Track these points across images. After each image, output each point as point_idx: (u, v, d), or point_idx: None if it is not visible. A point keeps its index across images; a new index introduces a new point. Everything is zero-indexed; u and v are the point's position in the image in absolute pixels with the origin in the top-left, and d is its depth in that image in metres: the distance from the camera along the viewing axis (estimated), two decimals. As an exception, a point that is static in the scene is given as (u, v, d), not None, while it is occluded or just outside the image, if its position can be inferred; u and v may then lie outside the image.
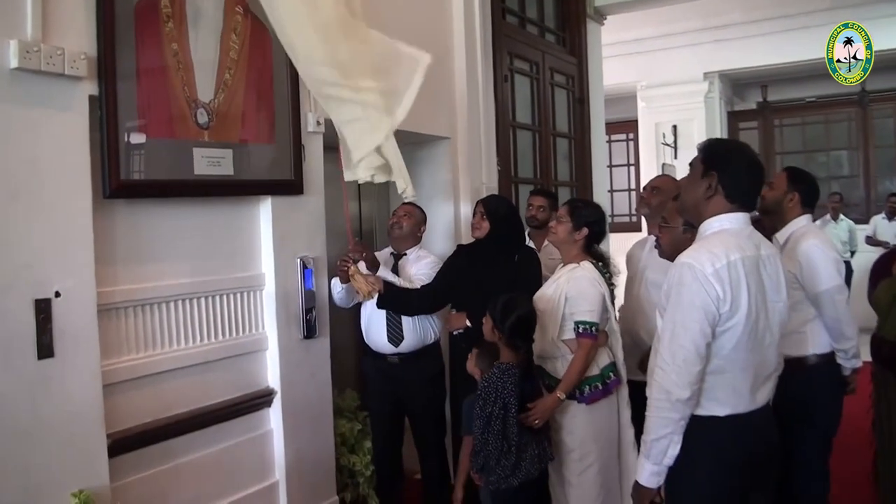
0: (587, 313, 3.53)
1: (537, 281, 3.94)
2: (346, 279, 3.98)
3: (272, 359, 3.63)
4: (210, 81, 3.21)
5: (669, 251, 3.18)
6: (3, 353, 2.50)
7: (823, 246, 3.56)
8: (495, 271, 3.94)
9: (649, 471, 2.52)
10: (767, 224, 3.70)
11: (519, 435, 3.25)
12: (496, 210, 4.14)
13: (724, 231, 2.52)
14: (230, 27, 3.30)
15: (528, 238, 4.83)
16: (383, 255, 4.38)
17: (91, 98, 2.79)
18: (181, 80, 3.09)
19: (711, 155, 2.61)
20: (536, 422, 3.35)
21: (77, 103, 2.73)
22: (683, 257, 2.49)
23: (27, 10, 2.56)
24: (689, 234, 3.03)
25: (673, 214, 3.20)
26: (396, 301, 4.06)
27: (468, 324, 4.00)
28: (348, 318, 4.52)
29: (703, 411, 2.49)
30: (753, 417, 2.54)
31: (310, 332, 3.74)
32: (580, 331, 3.53)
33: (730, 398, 2.50)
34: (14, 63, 2.51)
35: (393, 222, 4.30)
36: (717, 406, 2.49)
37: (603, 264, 3.71)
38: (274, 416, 3.65)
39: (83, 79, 2.73)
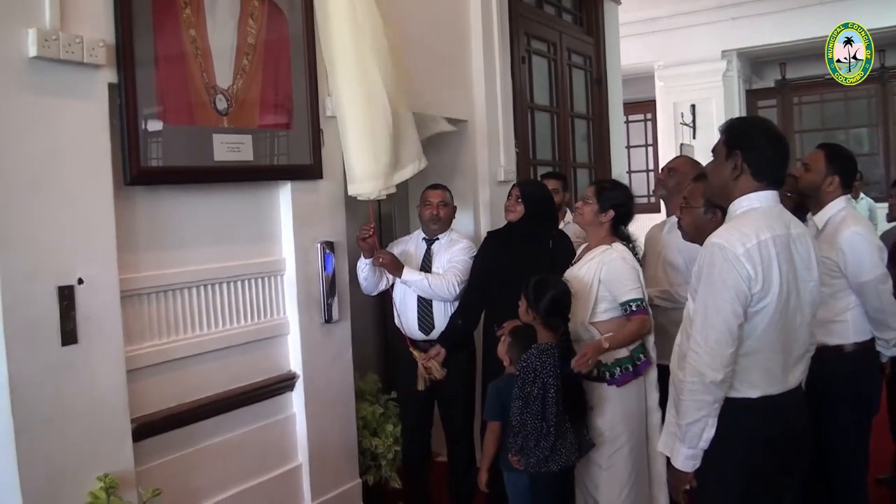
0: (632, 291, 3.49)
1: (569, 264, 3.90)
2: (369, 253, 4.02)
3: (294, 343, 3.65)
4: (228, 67, 3.21)
5: (691, 232, 3.16)
6: (28, 339, 2.52)
7: (867, 233, 3.43)
8: (529, 255, 3.90)
9: (684, 454, 2.51)
10: (790, 204, 3.63)
11: (557, 418, 3.23)
12: (532, 194, 4.12)
13: (754, 210, 2.49)
14: (247, 13, 3.30)
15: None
16: (414, 238, 4.37)
17: (110, 86, 2.79)
18: (199, 67, 3.10)
19: (734, 135, 2.58)
20: (588, 362, 3.31)
21: (96, 91, 2.74)
22: (713, 237, 2.46)
23: (45, -1, 2.57)
24: (710, 214, 3.01)
25: (694, 195, 3.17)
26: (455, 338, 4.12)
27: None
28: (369, 302, 4.53)
29: (735, 393, 2.46)
30: (786, 399, 2.52)
31: (331, 316, 3.75)
32: (633, 308, 3.49)
33: (762, 379, 2.48)
34: (33, 52, 2.52)
35: (431, 214, 4.23)
36: (750, 388, 2.47)
37: (632, 246, 3.68)
38: (296, 400, 3.66)
39: (102, 66, 2.73)
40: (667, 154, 10.87)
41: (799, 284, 2.49)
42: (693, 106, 11.21)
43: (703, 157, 9.03)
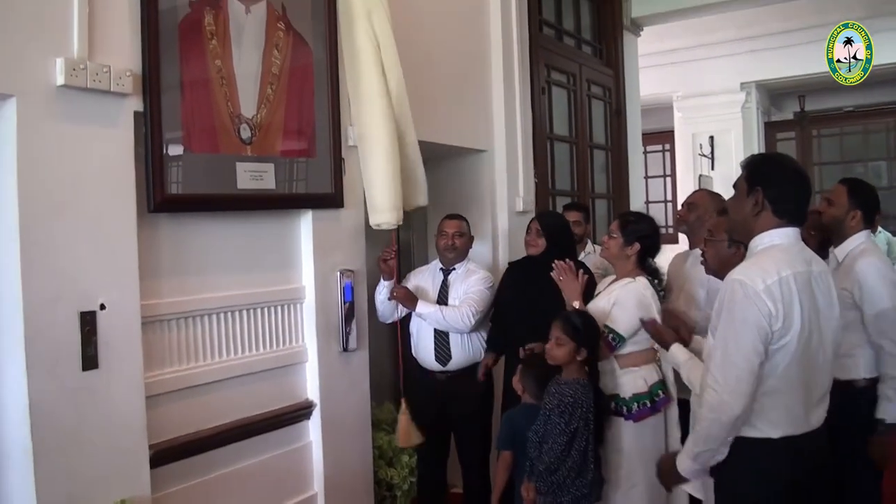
0: (619, 323, 3.50)
1: (592, 295, 3.90)
2: (389, 276, 4.04)
3: (312, 371, 3.64)
4: (253, 96, 3.24)
5: (715, 266, 3.15)
6: (49, 364, 2.53)
7: (881, 265, 3.45)
8: (552, 287, 3.86)
9: (690, 468, 2.56)
10: (813, 243, 3.61)
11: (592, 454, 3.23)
12: (552, 227, 4.16)
13: (775, 247, 2.48)
14: (272, 43, 3.33)
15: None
16: (431, 268, 4.39)
17: (136, 114, 2.82)
18: (224, 96, 3.13)
19: (755, 171, 2.57)
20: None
21: (122, 119, 2.77)
22: (734, 274, 2.46)
23: (73, 29, 2.60)
24: (734, 248, 3.00)
25: (718, 229, 3.17)
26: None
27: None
28: (386, 330, 4.53)
29: (756, 433, 2.45)
30: (809, 440, 2.49)
31: (349, 344, 3.75)
32: (604, 334, 3.49)
33: (783, 419, 2.45)
34: (61, 80, 2.55)
35: (447, 244, 4.27)
36: (771, 428, 2.45)
37: (658, 281, 3.67)
38: (313, 429, 3.65)
39: (128, 95, 2.76)
40: (685, 185, 10.86)
41: (821, 323, 2.47)
42: (711, 137, 11.20)
43: (722, 188, 9.02)
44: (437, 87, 4.46)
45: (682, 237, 4.47)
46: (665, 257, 4.25)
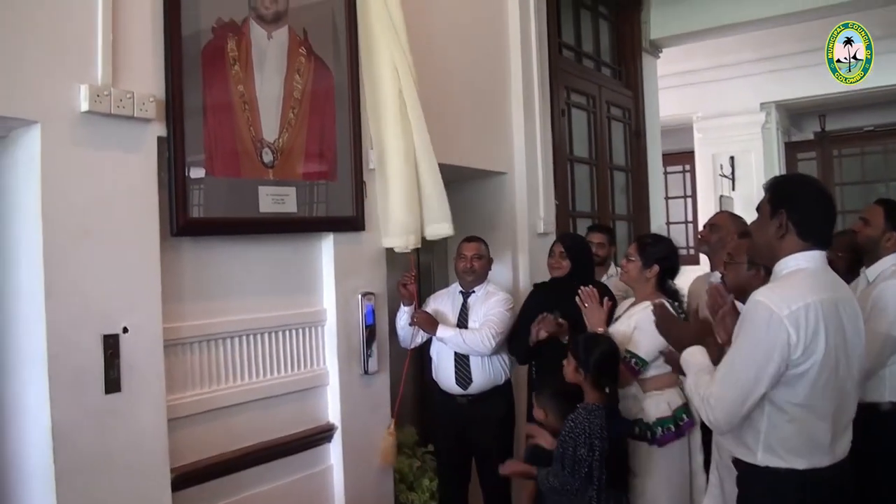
0: (641, 347, 3.49)
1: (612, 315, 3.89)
2: (409, 300, 4.05)
3: (333, 394, 3.64)
4: (274, 121, 3.27)
5: (735, 289, 3.11)
6: (72, 387, 2.54)
7: None
8: (577, 309, 3.85)
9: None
10: (842, 264, 3.57)
11: (602, 483, 3.17)
12: (575, 248, 4.17)
13: (800, 271, 2.44)
14: (294, 68, 3.36)
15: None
16: (451, 291, 4.39)
17: (159, 139, 2.85)
18: (247, 121, 3.15)
19: (778, 193, 2.53)
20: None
21: (146, 144, 2.79)
22: (757, 295, 2.41)
23: (97, 56, 2.63)
24: (753, 271, 2.98)
25: (739, 251, 3.14)
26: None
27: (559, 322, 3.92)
28: (406, 353, 4.52)
29: (782, 463, 2.41)
30: (834, 471, 2.44)
31: (370, 367, 3.75)
32: (626, 359, 3.48)
33: (808, 449, 2.41)
34: (85, 107, 2.57)
35: (465, 267, 4.26)
36: (795, 458, 2.40)
37: (678, 304, 3.65)
38: (334, 452, 3.64)
39: (152, 121, 2.79)
40: (706, 206, 10.82)
41: (848, 350, 2.43)
42: (732, 158, 11.16)
43: (743, 209, 8.99)
44: (457, 110, 4.48)
45: (704, 258, 4.45)
46: (685, 278, 4.23)
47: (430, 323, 4.08)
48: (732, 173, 11.15)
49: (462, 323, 4.20)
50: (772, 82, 10.59)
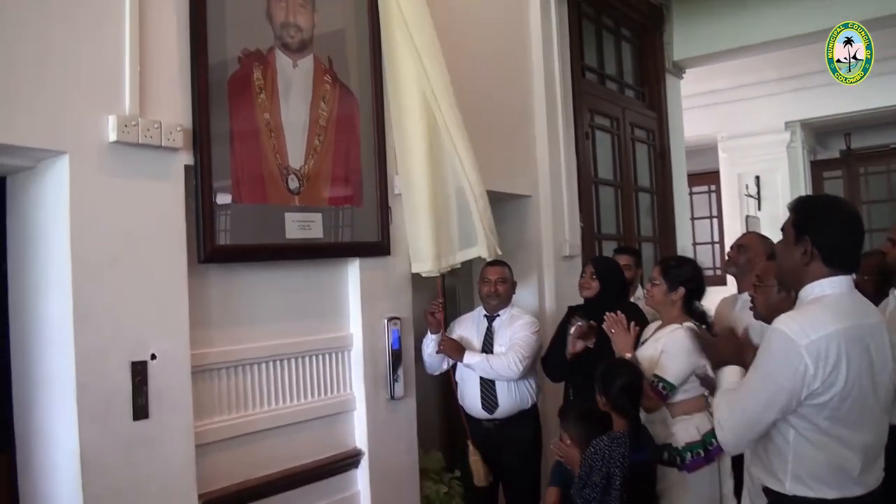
0: (669, 372, 3.46)
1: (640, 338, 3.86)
2: (436, 328, 4.05)
3: (360, 420, 3.64)
4: (300, 148, 3.29)
5: (765, 312, 3.06)
6: (100, 413, 2.56)
7: None
8: (602, 331, 3.85)
9: None
10: (870, 287, 3.51)
11: None
12: (606, 270, 4.18)
13: (826, 297, 2.37)
14: (319, 95, 3.39)
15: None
16: (476, 315, 4.38)
17: (186, 167, 2.88)
18: (273, 148, 3.18)
19: (803, 217, 2.46)
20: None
21: (173, 173, 2.83)
22: (778, 323, 2.35)
23: (125, 87, 2.67)
24: (784, 294, 2.92)
25: (768, 273, 3.08)
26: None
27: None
28: (433, 377, 4.52)
29: (810, 493, 2.36)
30: (867, 502, 2.38)
31: (396, 392, 3.74)
32: (654, 384, 3.45)
33: (837, 479, 2.35)
34: (113, 137, 2.61)
35: (489, 291, 4.26)
36: (825, 487, 2.35)
37: (706, 326, 3.62)
38: (361, 478, 3.63)
39: (179, 150, 2.82)
40: (732, 226, 10.75)
41: (875, 377, 2.36)
42: (757, 177, 11.08)
43: (770, 228, 8.93)
44: (481, 134, 4.47)
45: (731, 279, 4.42)
46: (712, 299, 4.20)
47: (456, 350, 4.08)
48: (758, 193, 11.07)
49: (487, 347, 4.19)
50: (796, 101, 10.53)
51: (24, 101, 2.42)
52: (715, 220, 12.31)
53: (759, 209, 10.94)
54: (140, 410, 2.68)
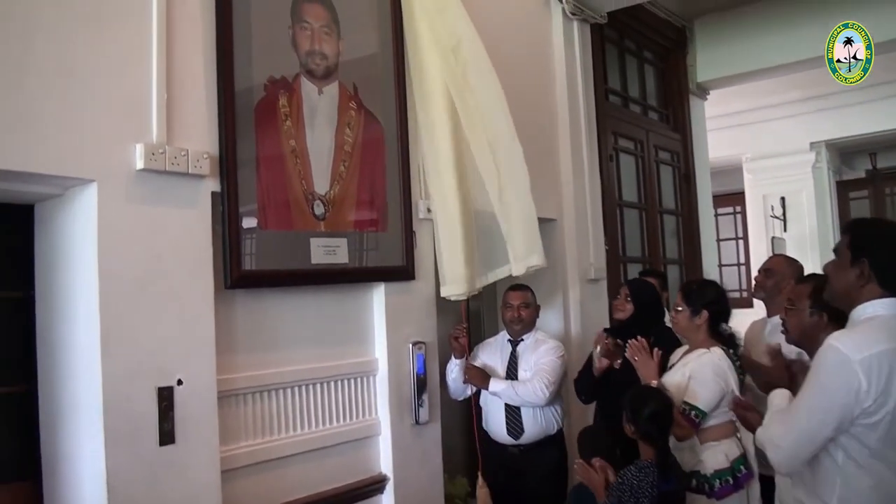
0: (699, 399, 3.41)
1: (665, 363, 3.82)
2: (461, 353, 4.03)
3: (385, 445, 3.63)
4: (326, 174, 3.32)
5: (797, 336, 3.02)
6: (127, 438, 2.57)
7: None
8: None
9: None
10: None
11: None
12: (641, 292, 4.15)
13: (878, 317, 2.36)
14: (344, 121, 3.42)
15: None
16: (499, 340, 4.36)
17: (213, 194, 2.90)
18: (299, 175, 3.20)
19: (860, 239, 2.46)
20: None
21: (200, 199, 2.85)
22: (832, 339, 2.34)
23: (153, 115, 2.70)
24: (816, 317, 2.90)
25: (799, 297, 3.04)
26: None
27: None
28: (457, 402, 4.51)
29: None
30: None
31: (421, 417, 3.74)
32: (684, 411, 3.40)
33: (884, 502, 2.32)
34: (140, 164, 2.64)
35: (513, 316, 4.23)
36: None
37: (733, 351, 3.58)
38: (386, 503, 3.63)
39: (206, 177, 2.85)
40: (758, 247, 10.67)
41: None
42: (783, 198, 11.01)
43: (796, 249, 8.85)
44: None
45: (758, 301, 4.38)
46: (740, 321, 4.15)
47: (481, 378, 4.06)
48: (784, 214, 10.99)
49: (512, 372, 4.17)
50: (821, 121, 10.46)
51: (52, 129, 2.45)
52: (741, 242, 12.23)
53: (785, 230, 10.86)
54: (166, 436, 2.68)
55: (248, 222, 3.01)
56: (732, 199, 11.92)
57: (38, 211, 2.77)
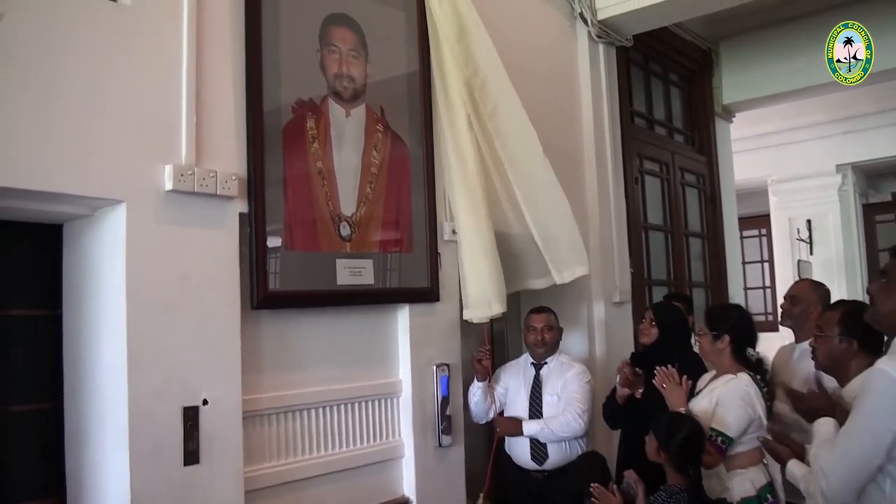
0: (726, 425, 3.37)
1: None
2: (483, 376, 4.01)
3: (408, 467, 3.62)
4: (352, 195, 3.34)
5: (827, 363, 2.99)
6: (152, 458, 2.58)
7: None
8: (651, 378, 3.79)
9: None
10: None
11: None
12: (666, 316, 4.13)
13: None
14: (371, 143, 3.44)
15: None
16: (522, 363, 4.33)
17: (241, 215, 2.92)
18: (325, 196, 3.22)
19: None
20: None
21: (228, 220, 2.87)
22: (881, 364, 2.32)
23: (182, 137, 2.73)
24: (846, 343, 2.86)
25: (829, 323, 3.01)
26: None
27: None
28: (482, 425, 4.49)
29: None
30: None
31: (445, 440, 3.72)
32: (712, 438, 3.36)
33: None
34: (169, 186, 2.66)
35: (535, 339, 4.20)
36: None
37: (760, 377, 3.54)
38: (409, 527, 3.62)
39: (234, 198, 2.87)
40: (783, 270, 10.58)
41: None
42: (809, 221, 10.92)
43: (822, 273, 8.76)
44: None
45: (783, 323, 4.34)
46: (765, 345, 4.10)
47: (514, 426, 4.05)
48: (810, 237, 10.90)
49: (535, 395, 4.13)
50: (847, 143, 10.38)
51: (82, 150, 2.48)
52: (766, 265, 12.14)
53: (811, 253, 10.76)
54: (191, 455, 2.69)
55: (275, 243, 3.03)
56: (758, 222, 11.84)
57: (67, 230, 2.80)
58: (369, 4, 3.54)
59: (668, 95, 6.89)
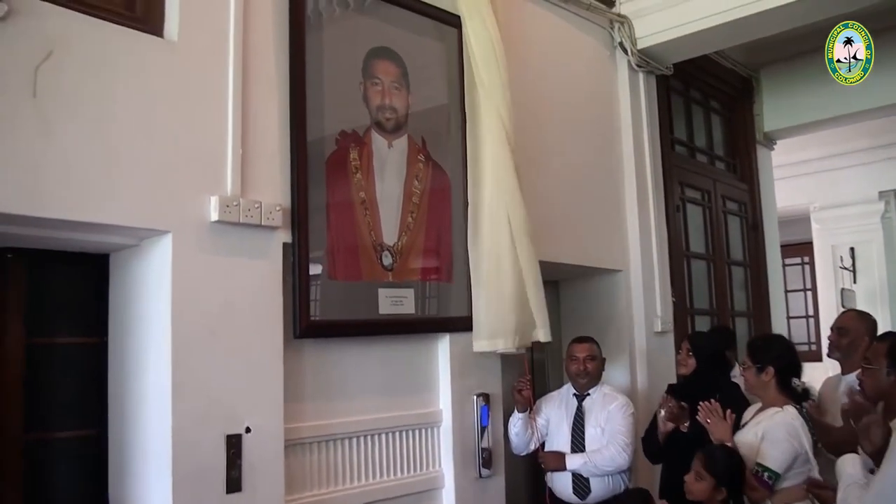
0: (772, 460, 3.31)
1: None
2: (524, 407, 3.95)
3: (448, 498, 3.60)
4: (394, 225, 3.36)
5: (874, 395, 2.94)
6: (195, 486, 2.61)
7: None
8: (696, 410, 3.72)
9: None
10: None
11: None
12: (702, 347, 4.08)
13: None
14: (413, 174, 3.47)
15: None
16: (564, 394, 4.27)
17: (284, 245, 2.96)
18: (368, 226, 3.26)
19: None
20: None
21: (272, 251, 2.91)
22: None
23: (227, 168, 2.78)
24: (894, 376, 2.82)
25: (876, 355, 2.96)
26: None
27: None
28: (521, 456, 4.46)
29: None
30: None
31: (485, 470, 3.70)
32: (758, 473, 3.30)
33: None
34: (215, 217, 2.71)
35: (577, 369, 4.12)
36: None
37: (806, 409, 3.48)
38: (449, 559, 3.60)
39: (278, 228, 2.91)
40: (827, 299, 10.43)
41: None
42: (852, 249, 10.77)
43: (865, 301, 8.62)
44: (571, 209, 4.50)
45: (826, 351, 4.28)
46: (809, 375, 4.01)
47: (557, 461, 3.98)
48: (853, 265, 10.74)
49: (578, 427, 4.07)
50: (890, 170, 10.23)
51: (129, 182, 2.53)
52: (809, 293, 11.98)
53: (855, 282, 10.60)
54: (233, 483, 2.71)
55: (318, 272, 3.06)
56: (800, 250, 11.70)
57: (114, 260, 2.85)
58: (411, 37, 3.58)
59: (708, 123, 6.86)
